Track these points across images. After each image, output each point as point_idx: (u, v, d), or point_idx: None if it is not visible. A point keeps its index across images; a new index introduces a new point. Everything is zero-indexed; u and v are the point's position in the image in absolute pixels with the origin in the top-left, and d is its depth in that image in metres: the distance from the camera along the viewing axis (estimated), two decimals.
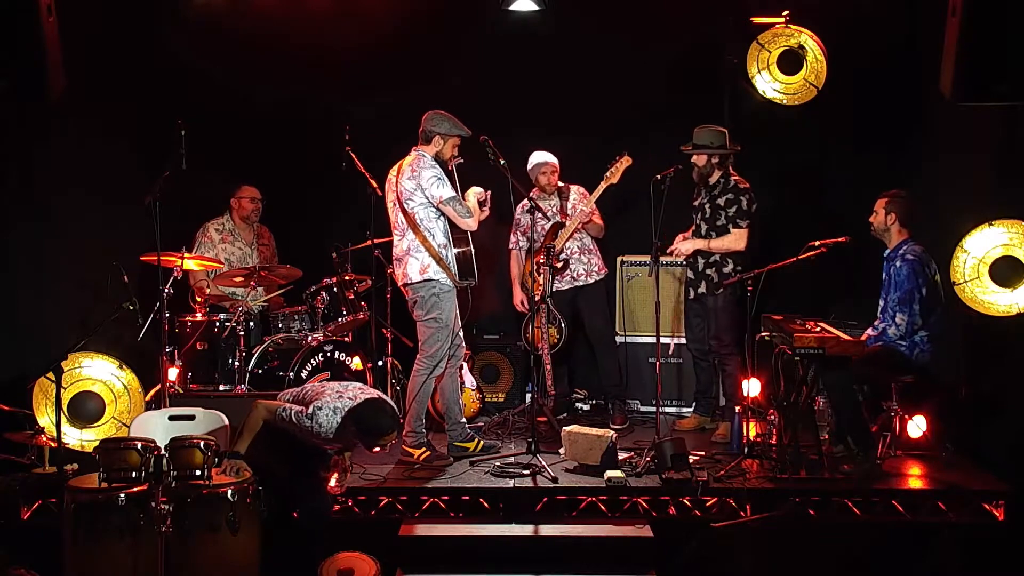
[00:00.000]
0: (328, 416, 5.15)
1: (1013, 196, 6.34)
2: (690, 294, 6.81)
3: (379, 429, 5.17)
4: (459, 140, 6.22)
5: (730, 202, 6.63)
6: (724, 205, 6.64)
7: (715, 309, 6.66)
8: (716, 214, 6.67)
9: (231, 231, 7.30)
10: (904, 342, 6.03)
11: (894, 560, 5.67)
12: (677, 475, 5.81)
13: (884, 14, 7.09)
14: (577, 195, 7.13)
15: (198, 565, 4.93)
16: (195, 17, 7.18)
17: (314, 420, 5.14)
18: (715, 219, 6.67)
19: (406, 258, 6.20)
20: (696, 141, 6.63)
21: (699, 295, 6.72)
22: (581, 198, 7.08)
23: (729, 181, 6.67)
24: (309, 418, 5.14)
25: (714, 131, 6.63)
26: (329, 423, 5.14)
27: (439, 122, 6.17)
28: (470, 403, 7.12)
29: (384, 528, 5.68)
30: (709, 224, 6.70)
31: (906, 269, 6.02)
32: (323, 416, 5.14)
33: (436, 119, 6.18)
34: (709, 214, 6.70)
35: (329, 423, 5.14)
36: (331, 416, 5.15)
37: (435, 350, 6.21)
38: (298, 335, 6.85)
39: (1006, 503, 5.71)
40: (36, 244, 6.94)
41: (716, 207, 6.66)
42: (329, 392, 5.30)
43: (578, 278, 7.15)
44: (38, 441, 6.09)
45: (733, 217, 6.62)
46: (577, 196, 7.13)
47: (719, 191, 6.67)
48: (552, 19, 7.31)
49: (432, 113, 6.21)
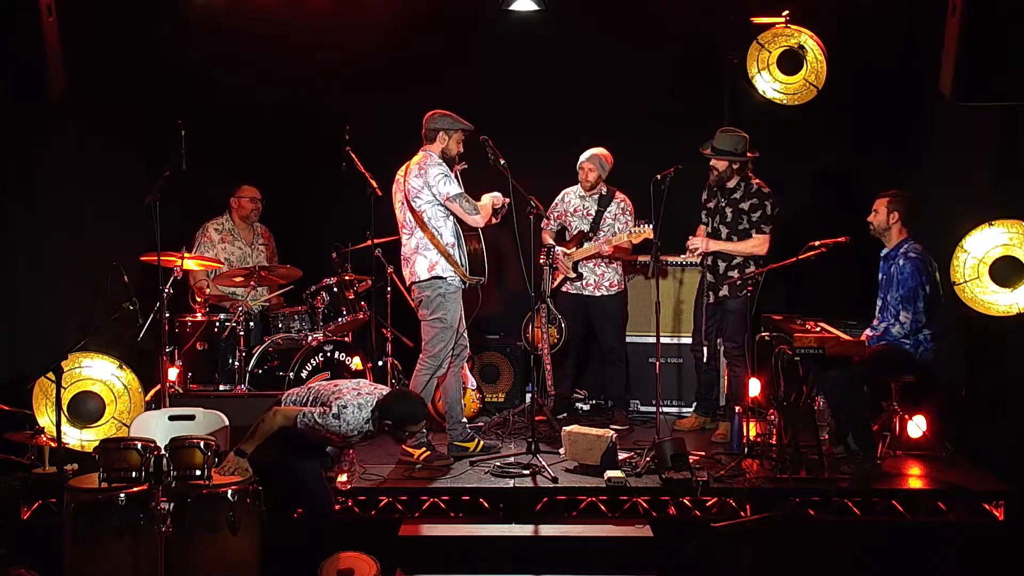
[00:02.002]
0: (354, 413, 5.18)
1: (1013, 196, 6.34)
2: (710, 298, 6.72)
3: (414, 417, 5.27)
4: (463, 135, 6.24)
5: (755, 207, 6.63)
6: (748, 210, 6.64)
7: (733, 311, 6.63)
8: (738, 218, 6.66)
9: (231, 231, 7.30)
10: (908, 340, 6.04)
11: (894, 560, 5.67)
12: (677, 475, 5.81)
13: (884, 14, 7.09)
14: (617, 207, 7.06)
15: (198, 565, 4.92)
16: (195, 17, 7.18)
17: (341, 419, 5.16)
18: (737, 223, 6.67)
19: (414, 256, 6.21)
20: (718, 146, 6.57)
21: (720, 298, 6.68)
22: (620, 212, 7.04)
23: (751, 185, 6.66)
24: (336, 417, 5.16)
25: (737, 136, 6.57)
26: (356, 420, 5.19)
27: (439, 119, 6.20)
28: (470, 403, 7.12)
29: (384, 528, 5.68)
30: (730, 228, 6.69)
31: (910, 267, 6.02)
32: (350, 414, 5.17)
33: (436, 117, 6.22)
34: (730, 218, 6.68)
35: (356, 420, 5.19)
36: (357, 413, 5.19)
37: (438, 350, 6.22)
38: (298, 335, 6.85)
39: (1006, 503, 5.72)
40: (36, 244, 6.94)
41: (739, 211, 6.66)
42: (346, 390, 5.33)
43: (586, 287, 7.13)
44: (38, 441, 6.08)
45: (757, 222, 6.62)
46: (616, 208, 7.06)
47: (741, 195, 6.65)
48: (552, 19, 7.32)
49: (432, 113, 6.23)
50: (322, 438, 5.29)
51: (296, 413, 5.23)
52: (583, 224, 7.08)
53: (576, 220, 7.09)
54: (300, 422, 5.20)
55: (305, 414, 5.21)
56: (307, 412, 5.21)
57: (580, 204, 7.09)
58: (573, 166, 7.19)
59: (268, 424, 5.23)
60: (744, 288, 6.54)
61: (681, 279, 7.45)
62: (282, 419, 5.24)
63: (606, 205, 7.05)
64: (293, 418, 5.21)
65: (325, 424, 5.17)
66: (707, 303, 6.75)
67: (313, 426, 5.19)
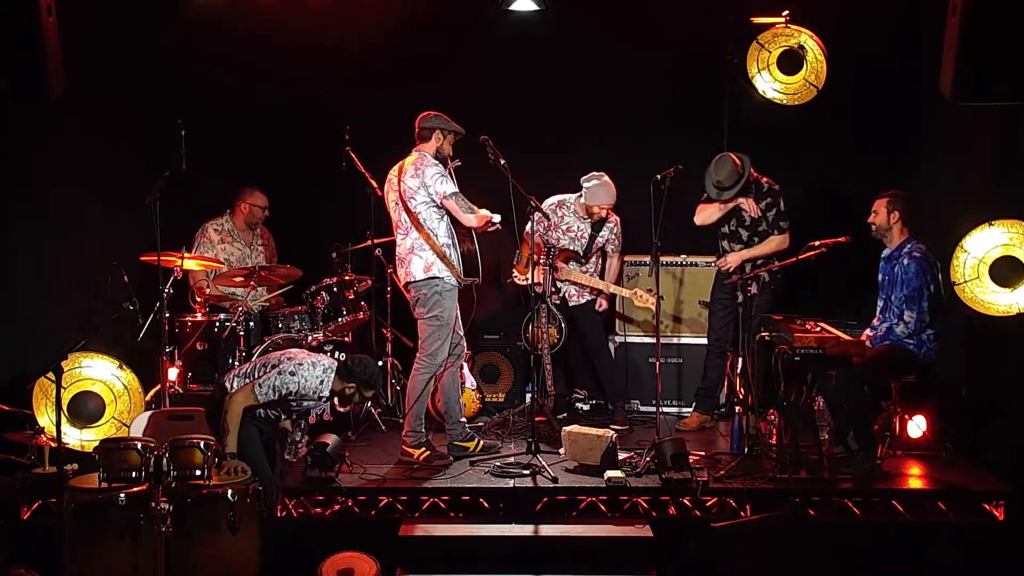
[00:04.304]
0: (309, 370, 5.27)
1: (1013, 196, 6.34)
2: (738, 297, 6.71)
3: (373, 379, 5.41)
4: (455, 137, 6.25)
5: (770, 206, 6.71)
6: (764, 209, 6.71)
7: (759, 307, 6.64)
8: (757, 219, 6.72)
9: (230, 231, 7.30)
10: (912, 340, 6.03)
11: (894, 560, 5.67)
12: (677, 475, 5.81)
13: (884, 14, 7.08)
14: (609, 232, 7.11)
15: (198, 565, 4.93)
16: (195, 17, 7.17)
17: (299, 375, 5.24)
18: (756, 224, 6.74)
19: (410, 256, 6.21)
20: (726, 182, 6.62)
21: (749, 296, 6.67)
22: (614, 238, 7.11)
23: (762, 185, 6.74)
24: (292, 374, 5.24)
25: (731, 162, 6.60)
26: (312, 376, 5.26)
27: (435, 119, 6.23)
28: (470, 403, 7.12)
29: (384, 528, 5.68)
30: (750, 230, 6.75)
31: (914, 267, 6.02)
32: (306, 370, 5.26)
33: (431, 117, 6.24)
34: (749, 220, 6.74)
35: (312, 376, 5.26)
36: (312, 369, 5.28)
37: (435, 349, 6.22)
38: (298, 335, 6.84)
39: (1006, 503, 5.72)
40: (36, 244, 6.94)
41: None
42: (297, 352, 5.45)
43: (570, 298, 7.19)
44: (38, 441, 6.08)
45: (775, 221, 6.71)
46: (608, 232, 7.11)
47: (756, 197, 6.72)
48: (552, 19, 7.32)
49: (426, 113, 6.25)
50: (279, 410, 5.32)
51: (250, 389, 5.24)
52: (575, 245, 7.10)
53: (567, 239, 7.10)
54: (259, 394, 5.22)
55: (260, 384, 5.23)
56: (261, 382, 5.24)
57: (576, 225, 7.08)
58: (573, 166, 7.20)
59: (232, 412, 5.23)
60: (771, 285, 6.67)
61: (681, 279, 7.45)
62: (242, 398, 5.25)
63: (599, 229, 7.10)
64: (251, 393, 5.23)
65: (283, 384, 5.20)
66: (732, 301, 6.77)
67: (271, 393, 5.20)
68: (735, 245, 6.82)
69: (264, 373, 5.30)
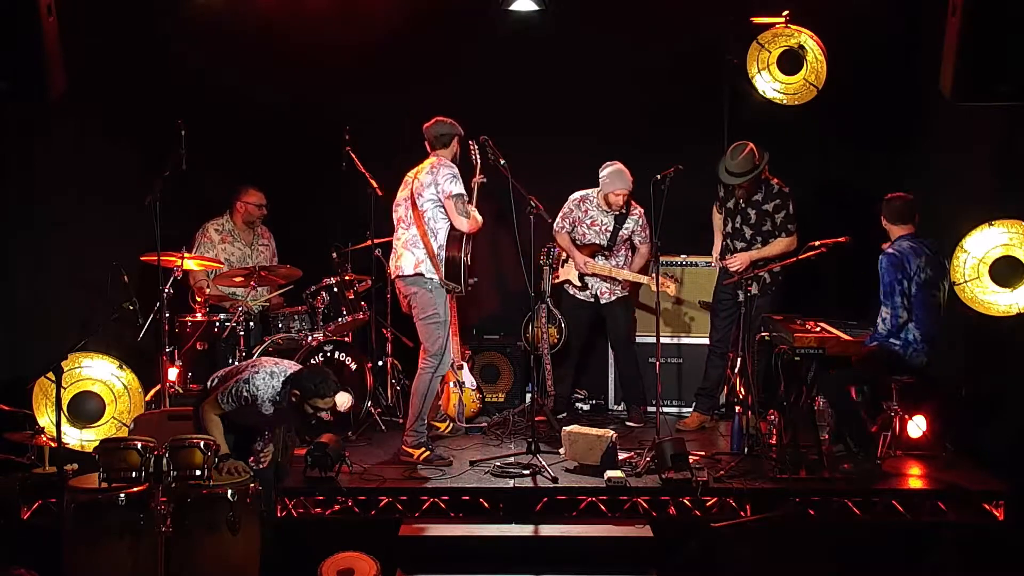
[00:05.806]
0: (265, 380, 5.17)
1: (1013, 196, 6.35)
2: (738, 296, 6.72)
3: (321, 392, 5.14)
4: None
5: (778, 207, 6.69)
6: (772, 211, 6.70)
7: (759, 307, 6.64)
8: (762, 219, 6.72)
9: (231, 231, 7.30)
10: (897, 340, 6.00)
11: (894, 560, 5.67)
12: (677, 475, 5.81)
13: (884, 14, 7.09)
14: (635, 223, 7.09)
15: (198, 565, 4.93)
16: (195, 17, 7.17)
17: (251, 384, 5.15)
18: (761, 224, 6.73)
19: (403, 251, 6.23)
20: (736, 170, 6.59)
21: (749, 297, 6.67)
22: (639, 229, 7.08)
23: (772, 186, 6.71)
24: (247, 383, 5.16)
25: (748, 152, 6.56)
26: (266, 387, 5.16)
27: (449, 125, 6.25)
28: (470, 403, 7.12)
29: (384, 528, 5.68)
30: (754, 229, 6.75)
31: (884, 262, 6.01)
32: (260, 380, 5.16)
33: (445, 124, 6.25)
34: (754, 219, 6.74)
35: (266, 387, 5.16)
36: (268, 380, 5.18)
37: (438, 348, 6.22)
38: (298, 335, 6.85)
39: (1006, 503, 5.72)
40: (36, 244, 6.95)
41: (762, 212, 6.72)
42: (266, 361, 5.37)
43: (601, 295, 7.17)
44: (38, 441, 6.08)
45: (783, 223, 6.69)
46: (634, 224, 7.09)
47: (763, 196, 6.71)
48: (552, 19, 7.31)
49: (438, 120, 6.25)
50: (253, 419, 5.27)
51: (215, 396, 5.23)
52: (600, 238, 7.08)
53: (592, 233, 7.09)
54: (222, 402, 5.19)
55: (222, 393, 5.20)
56: (223, 391, 5.21)
57: (599, 218, 7.08)
58: (573, 166, 7.20)
59: (207, 422, 5.22)
60: (772, 287, 6.68)
61: (681, 279, 7.45)
62: (211, 408, 5.24)
63: (623, 221, 7.07)
64: (216, 402, 5.22)
65: (238, 392, 5.15)
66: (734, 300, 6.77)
67: (233, 402, 5.17)
68: (738, 243, 6.81)
69: (229, 380, 5.29)
